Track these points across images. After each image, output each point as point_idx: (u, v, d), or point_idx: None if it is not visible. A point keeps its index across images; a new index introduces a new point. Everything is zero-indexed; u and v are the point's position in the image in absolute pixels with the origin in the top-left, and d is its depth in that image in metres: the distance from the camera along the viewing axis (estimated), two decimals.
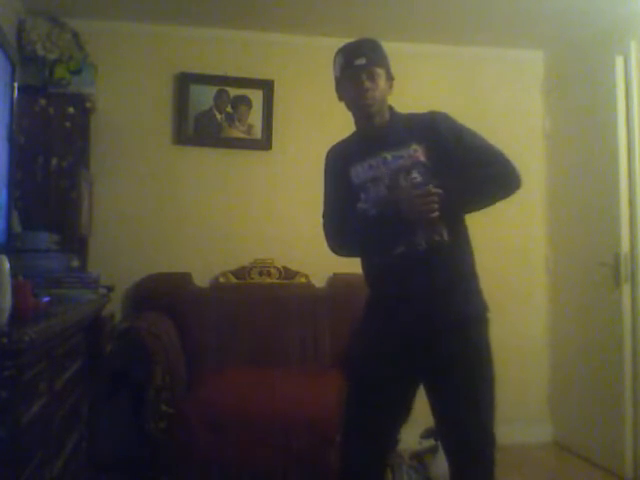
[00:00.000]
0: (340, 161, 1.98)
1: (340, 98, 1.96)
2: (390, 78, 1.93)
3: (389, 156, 1.86)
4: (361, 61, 1.85)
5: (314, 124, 3.75)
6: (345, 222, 1.94)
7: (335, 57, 1.94)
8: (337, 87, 1.96)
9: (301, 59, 3.81)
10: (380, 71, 1.88)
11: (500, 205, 1.90)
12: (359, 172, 1.90)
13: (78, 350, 2.19)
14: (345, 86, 1.91)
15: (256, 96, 3.75)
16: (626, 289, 3.24)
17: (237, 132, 3.75)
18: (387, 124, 1.92)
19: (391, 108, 1.95)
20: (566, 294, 3.82)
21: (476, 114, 2.10)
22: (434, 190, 1.75)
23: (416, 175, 1.82)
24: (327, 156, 2.05)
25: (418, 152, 1.84)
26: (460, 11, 3.41)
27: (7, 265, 1.56)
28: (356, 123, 1.97)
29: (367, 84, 1.85)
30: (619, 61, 3.26)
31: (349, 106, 1.94)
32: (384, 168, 1.86)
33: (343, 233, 1.96)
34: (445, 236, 1.82)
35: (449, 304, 1.83)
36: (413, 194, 1.77)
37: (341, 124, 2.04)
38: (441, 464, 2.53)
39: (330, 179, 2.02)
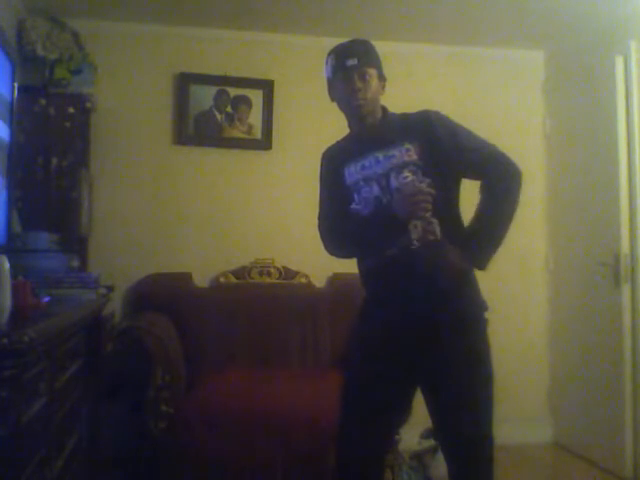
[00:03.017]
0: (334, 162, 1.99)
1: (332, 99, 1.97)
2: (382, 78, 1.93)
3: (381, 155, 1.86)
4: (353, 61, 1.86)
5: (314, 124, 3.74)
6: (339, 223, 1.95)
7: (326, 58, 1.94)
8: (329, 88, 1.96)
9: (301, 59, 3.81)
10: (372, 71, 1.88)
11: None
12: (352, 172, 1.91)
13: (78, 350, 2.18)
14: (337, 87, 1.91)
15: (256, 96, 3.75)
16: (626, 289, 3.24)
17: (237, 132, 3.75)
18: (379, 124, 1.92)
19: (384, 108, 1.95)
20: (566, 294, 3.82)
21: (476, 114, 2.10)
22: (426, 189, 1.75)
23: (407, 174, 1.82)
24: (322, 158, 2.06)
25: (410, 151, 1.83)
26: (460, 11, 3.41)
27: (7, 265, 1.56)
28: (349, 124, 1.98)
29: (359, 84, 1.85)
30: (619, 61, 3.26)
31: (341, 107, 1.95)
32: (376, 168, 1.86)
33: (338, 234, 1.97)
34: (439, 235, 1.81)
35: (445, 304, 1.83)
36: (405, 193, 1.77)
37: (341, 124, 2.04)
38: (441, 464, 2.52)
39: (325, 181, 2.03)
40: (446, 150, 1.84)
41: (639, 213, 3.21)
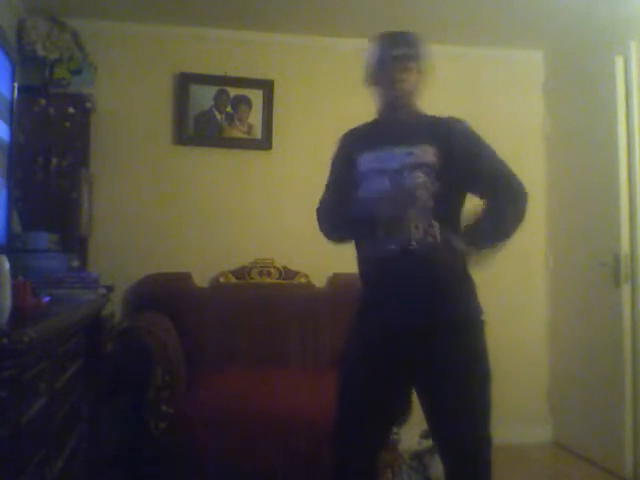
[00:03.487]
0: (351, 147, 1.97)
1: (369, 85, 1.95)
2: (424, 74, 1.92)
3: (399, 150, 1.84)
4: (399, 52, 1.85)
5: (314, 124, 3.74)
6: (342, 206, 1.94)
7: (371, 44, 1.92)
8: (367, 74, 1.94)
9: (301, 59, 3.82)
10: (415, 65, 1.88)
11: None
12: (366, 161, 1.89)
13: (78, 350, 2.18)
14: (378, 74, 1.90)
15: (256, 96, 3.75)
16: (626, 289, 3.24)
17: (237, 132, 3.75)
18: (409, 119, 1.91)
19: (416, 105, 1.95)
20: (566, 294, 3.82)
21: (476, 114, 2.10)
22: (429, 185, 1.77)
23: (420, 174, 1.81)
24: (340, 140, 2.03)
25: (429, 153, 1.82)
26: (460, 11, 3.41)
27: (7, 265, 1.56)
28: (379, 112, 1.96)
29: (401, 76, 1.85)
30: (619, 61, 3.26)
31: (377, 94, 1.93)
32: (392, 162, 1.84)
33: (337, 216, 1.96)
34: (438, 237, 1.81)
35: (443, 305, 1.83)
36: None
37: (341, 124, 2.04)
38: (441, 464, 2.53)
39: (336, 163, 2.02)
40: (461, 160, 1.82)
41: (639, 213, 3.21)
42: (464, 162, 1.83)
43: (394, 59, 1.86)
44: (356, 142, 1.97)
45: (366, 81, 1.96)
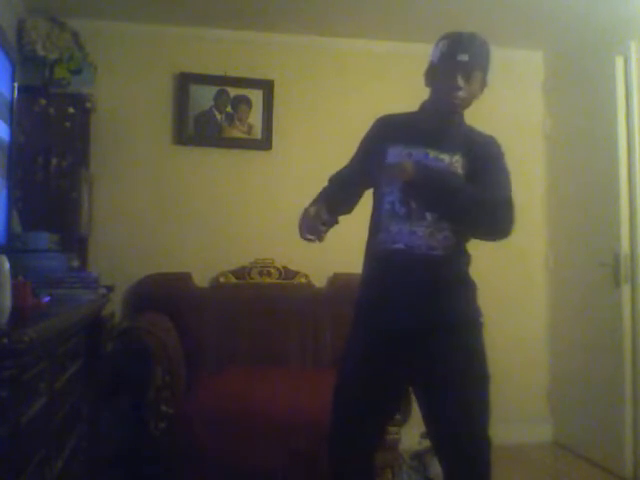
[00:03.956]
0: (384, 135, 1.94)
1: (427, 84, 1.92)
2: (484, 84, 1.88)
3: (433, 154, 1.83)
4: (464, 57, 1.79)
5: (314, 124, 3.74)
6: (352, 179, 1.98)
7: (438, 42, 1.88)
8: (428, 71, 1.91)
9: (301, 59, 3.82)
10: (478, 74, 1.83)
11: None
12: (397, 154, 1.86)
13: (78, 350, 2.18)
14: (438, 76, 1.86)
15: (256, 96, 3.75)
16: (626, 289, 3.24)
17: (237, 132, 3.75)
18: (450, 126, 1.89)
19: (462, 114, 1.93)
20: (566, 294, 3.82)
21: (476, 114, 2.09)
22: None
23: None
24: (376, 122, 2.00)
25: (458, 163, 1.82)
26: (460, 11, 3.41)
27: (7, 265, 1.56)
28: (424, 108, 1.94)
29: (461, 83, 1.80)
30: (619, 61, 3.26)
31: (432, 93, 1.91)
32: (422, 162, 1.82)
33: (345, 193, 2.00)
34: (444, 241, 1.82)
35: (441, 306, 1.83)
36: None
37: (341, 124, 2.04)
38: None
39: (365, 145, 2.01)
40: (478, 176, 1.81)
41: (639, 213, 3.21)
42: (479, 177, 1.81)
43: (458, 64, 1.80)
44: (391, 131, 1.93)
45: (425, 79, 1.92)
